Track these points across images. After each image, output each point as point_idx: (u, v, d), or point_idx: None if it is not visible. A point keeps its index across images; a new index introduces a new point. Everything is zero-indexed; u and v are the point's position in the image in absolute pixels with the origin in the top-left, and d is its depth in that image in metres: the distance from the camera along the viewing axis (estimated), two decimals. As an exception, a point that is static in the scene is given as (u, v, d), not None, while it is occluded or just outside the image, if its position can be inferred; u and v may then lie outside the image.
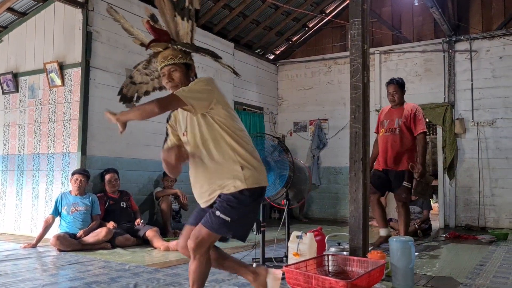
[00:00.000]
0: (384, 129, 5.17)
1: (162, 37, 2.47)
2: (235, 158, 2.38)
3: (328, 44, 9.01)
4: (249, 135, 2.58)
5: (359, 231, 3.52)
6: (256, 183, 2.40)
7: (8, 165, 6.13)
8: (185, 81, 2.43)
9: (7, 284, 3.27)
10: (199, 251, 2.38)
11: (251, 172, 2.38)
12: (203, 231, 2.36)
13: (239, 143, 2.40)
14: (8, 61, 6.26)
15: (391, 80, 5.21)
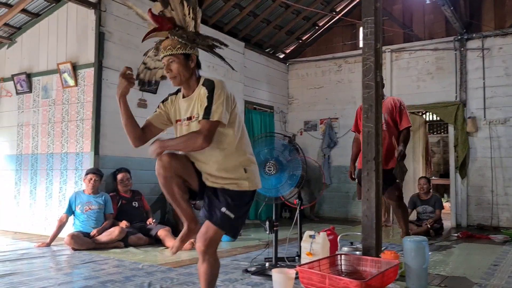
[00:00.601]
0: None
1: (165, 26, 2.38)
2: (240, 158, 2.37)
3: (339, 43, 8.99)
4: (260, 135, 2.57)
5: (372, 231, 3.51)
6: (256, 185, 2.42)
7: (22, 165, 6.20)
8: (184, 72, 2.35)
9: (23, 282, 3.32)
10: (209, 252, 2.37)
11: (254, 175, 2.41)
12: (210, 230, 2.35)
13: (244, 144, 2.41)
14: (21, 62, 6.32)
15: None
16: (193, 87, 2.39)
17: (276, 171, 3.79)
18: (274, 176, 3.77)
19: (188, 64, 2.35)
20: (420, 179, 6.67)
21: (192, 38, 2.35)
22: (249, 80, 8.22)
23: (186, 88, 2.41)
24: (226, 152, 2.34)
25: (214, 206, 2.36)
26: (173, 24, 2.37)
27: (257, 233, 6.27)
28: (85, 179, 5.16)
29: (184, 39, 2.33)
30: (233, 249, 4.94)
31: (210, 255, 2.37)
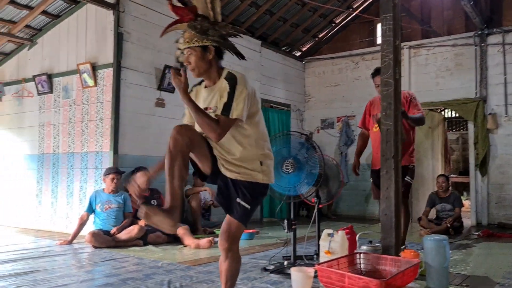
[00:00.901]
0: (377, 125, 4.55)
1: (185, 17, 2.35)
2: (258, 152, 2.35)
3: (356, 40, 8.92)
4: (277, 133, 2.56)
5: (391, 230, 3.48)
6: (269, 179, 2.39)
7: (44, 164, 6.31)
8: (201, 64, 2.32)
9: (46, 280, 3.38)
10: (233, 248, 2.36)
11: (269, 169, 2.38)
12: (233, 226, 2.34)
13: (262, 139, 2.38)
14: (42, 63, 6.44)
15: (376, 70, 4.60)
16: (214, 79, 2.37)
17: (294, 169, 3.78)
18: (292, 174, 3.77)
19: (205, 56, 2.32)
20: (439, 177, 6.59)
21: (204, 29, 2.29)
22: (266, 78, 8.22)
23: (207, 79, 2.40)
24: (245, 145, 2.32)
25: (231, 198, 2.35)
26: (195, 14, 2.32)
27: (274, 231, 6.28)
28: (106, 178, 5.23)
29: (196, 30, 2.29)
30: (251, 247, 4.95)
31: (234, 251, 2.37)
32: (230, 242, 2.35)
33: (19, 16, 6.11)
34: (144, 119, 5.90)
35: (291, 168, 3.75)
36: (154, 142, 5.96)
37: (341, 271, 3.01)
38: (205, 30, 2.29)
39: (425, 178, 8.03)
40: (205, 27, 2.29)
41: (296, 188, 3.83)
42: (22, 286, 3.16)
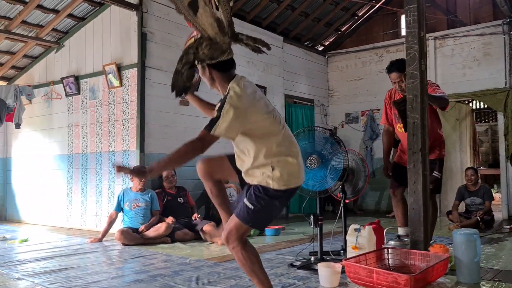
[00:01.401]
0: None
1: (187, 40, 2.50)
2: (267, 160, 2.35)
3: (379, 32, 8.81)
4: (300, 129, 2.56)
5: (419, 224, 3.44)
6: (283, 185, 2.35)
7: (73, 164, 6.46)
8: (206, 79, 2.46)
9: (79, 276, 3.47)
10: (229, 241, 2.39)
11: (280, 175, 2.34)
12: (231, 222, 2.41)
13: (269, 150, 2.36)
14: (69, 65, 6.58)
15: (391, 66, 4.19)
16: (223, 91, 2.41)
17: (318, 165, 3.76)
18: (316, 170, 3.75)
19: (205, 73, 2.44)
20: (468, 170, 6.45)
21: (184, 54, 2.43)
22: (289, 74, 8.20)
23: (219, 91, 2.47)
24: (252, 156, 2.36)
25: (241, 199, 2.44)
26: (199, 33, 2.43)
27: (300, 227, 6.27)
28: (132, 177, 5.32)
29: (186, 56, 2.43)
30: (278, 243, 4.97)
31: (232, 245, 2.38)
32: (226, 236, 2.39)
33: (46, 20, 6.26)
34: (169, 118, 5.97)
35: (315, 164, 3.74)
36: (179, 140, 5.97)
37: (369, 266, 3.00)
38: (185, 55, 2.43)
39: (453, 172, 7.88)
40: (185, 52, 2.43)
41: (321, 184, 3.82)
42: (56, 283, 3.26)
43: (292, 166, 2.39)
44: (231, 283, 3.19)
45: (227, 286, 3.11)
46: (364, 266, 2.94)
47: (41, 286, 3.19)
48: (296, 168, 2.41)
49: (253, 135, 2.34)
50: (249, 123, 2.31)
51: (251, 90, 2.38)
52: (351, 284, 3.04)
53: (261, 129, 2.35)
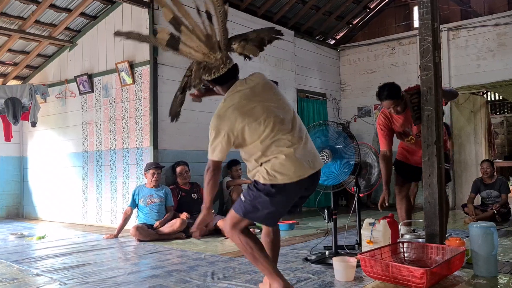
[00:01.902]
0: (412, 136, 4.10)
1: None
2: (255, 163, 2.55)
3: (391, 25, 8.72)
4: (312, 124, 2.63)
5: (435, 217, 3.42)
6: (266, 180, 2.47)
7: (88, 161, 6.54)
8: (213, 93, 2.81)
9: (96, 272, 3.52)
10: (226, 230, 2.63)
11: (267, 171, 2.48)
12: (229, 213, 2.64)
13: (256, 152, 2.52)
14: (83, 63, 6.64)
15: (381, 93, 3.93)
16: None
17: (330, 159, 3.75)
18: (330, 164, 3.74)
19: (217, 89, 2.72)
20: (483, 163, 6.37)
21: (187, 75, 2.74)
22: (300, 68, 8.17)
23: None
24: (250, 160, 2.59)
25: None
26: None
27: (314, 221, 6.27)
28: (147, 173, 5.36)
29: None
30: (292, 238, 4.97)
31: (229, 233, 2.59)
32: (224, 226, 2.70)
33: (59, 19, 6.32)
34: (182, 114, 5.93)
35: (328, 158, 3.72)
36: (192, 137, 6.06)
37: (384, 260, 2.99)
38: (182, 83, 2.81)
39: (468, 164, 7.80)
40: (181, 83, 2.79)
41: (334, 178, 3.81)
42: (74, 279, 3.30)
43: (280, 164, 2.46)
44: (246, 278, 3.21)
45: (242, 281, 3.12)
46: (380, 260, 2.94)
47: (59, 282, 3.24)
48: (285, 166, 2.46)
49: (243, 145, 2.54)
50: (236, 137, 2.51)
51: (236, 102, 2.53)
52: (366, 278, 3.03)
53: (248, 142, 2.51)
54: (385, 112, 4.13)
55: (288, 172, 2.46)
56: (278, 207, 2.56)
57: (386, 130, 4.10)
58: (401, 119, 4.03)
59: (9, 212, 7.53)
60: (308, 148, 2.58)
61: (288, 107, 2.63)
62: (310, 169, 2.52)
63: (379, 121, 4.17)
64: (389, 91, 3.88)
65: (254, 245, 2.51)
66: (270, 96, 2.59)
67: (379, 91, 3.97)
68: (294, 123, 2.57)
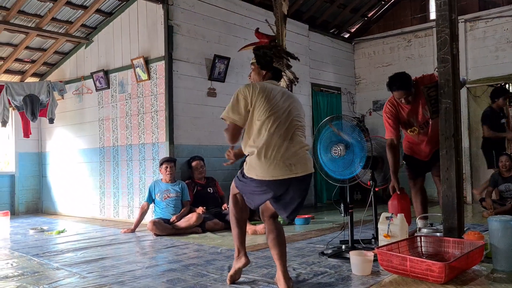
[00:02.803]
0: (415, 127, 4.11)
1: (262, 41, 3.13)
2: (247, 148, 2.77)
3: (407, 17, 8.61)
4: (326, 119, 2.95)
5: (453, 211, 3.39)
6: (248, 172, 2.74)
7: (105, 157, 6.61)
8: (254, 77, 2.98)
9: (114, 266, 3.57)
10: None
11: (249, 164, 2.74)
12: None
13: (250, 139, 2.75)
14: (99, 60, 6.70)
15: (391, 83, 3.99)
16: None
17: (344, 153, 3.72)
18: (344, 158, 3.71)
19: (260, 71, 2.97)
20: (501, 156, 6.26)
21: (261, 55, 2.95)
22: (315, 62, 8.13)
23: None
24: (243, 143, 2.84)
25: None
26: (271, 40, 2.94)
27: (330, 215, 6.26)
28: (160, 169, 5.41)
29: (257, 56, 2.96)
30: (308, 232, 4.97)
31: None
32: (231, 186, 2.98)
33: (75, 16, 6.38)
34: (197, 109, 6.03)
35: (341, 152, 3.69)
36: (207, 131, 6.09)
37: (402, 254, 2.97)
38: (261, 57, 2.95)
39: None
40: (261, 55, 2.95)
41: (347, 172, 3.78)
42: (93, 272, 3.36)
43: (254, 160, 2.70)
44: (262, 272, 3.22)
45: (259, 275, 3.14)
46: (397, 254, 2.92)
47: (79, 275, 3.29)
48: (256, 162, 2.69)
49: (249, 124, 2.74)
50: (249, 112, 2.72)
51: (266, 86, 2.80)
52: (383, 273, 3.02)
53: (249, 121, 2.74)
54: (392, 101, 4.13)
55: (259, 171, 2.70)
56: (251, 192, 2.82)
57: (393, 119, 4.09)
58: (407, 108, 4.02)
59: (29, 207, 7.67)
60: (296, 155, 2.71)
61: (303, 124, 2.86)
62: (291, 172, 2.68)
63: (385, 110, 4.16)
64: (400, 81, 3.88)
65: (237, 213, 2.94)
66: (294, 104, 2.82)
67: (390, 81, 3.98)
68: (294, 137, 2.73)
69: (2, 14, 6.03)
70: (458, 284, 2.72)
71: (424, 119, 4.01)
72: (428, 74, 4.08)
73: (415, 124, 4.08)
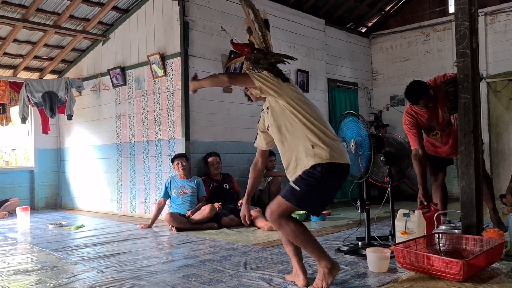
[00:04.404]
0: (437, 130, 4.06)
1: (244, 51, 2.80)
2: (306, 138, 2.55)
3: (426, 11, 8.47)
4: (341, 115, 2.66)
5: (472, 208, 3.33)
6: (327, 158, 2.50)
7: (122, 153, 6.68)
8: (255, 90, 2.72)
9: (132, 261, 3.60)
10: (272, 219, 2.58)
11: (321, 150, 2.52)
12: (274, 202, 2.61)
13: (309, 125, 2.57)
14: (116, 57, 6.76)
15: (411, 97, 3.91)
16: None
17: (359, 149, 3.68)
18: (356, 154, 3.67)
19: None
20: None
21: (257, 59, 2.72)
22: (331, 57, 8.07)
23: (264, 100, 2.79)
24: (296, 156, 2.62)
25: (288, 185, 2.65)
26: (252, 48, 2.76)
27: (346, 212, 6.22)
28: (173, 166, 5.44)
29: (250, 61, 2.74)
30: (324, 229, 4.95)
31: (276, 222, 2.57)
32: (268, 215, 2.59)
33: (92, 13, 6.44)
34: (213, 106, 6.04)
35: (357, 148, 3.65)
36: (223, 128, 6.10)
37: (420, 251, 2.94)
38: (257, 60, 2.72)
39: (506, 154, 7.54)
40: (257, 57, 2.73)
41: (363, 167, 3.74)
42: (111, 267, 3.40)
43: (331, 142, 2.60)
44: (278, 268, 3.21)
45: (275, 271, 3.13)
46: (415, 251, 2.88)
47: (97, 270, 3.33)
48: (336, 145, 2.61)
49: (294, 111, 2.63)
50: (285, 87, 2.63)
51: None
52: (400, 270, 2.99)
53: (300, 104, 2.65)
54: (409, 111, 4.09)
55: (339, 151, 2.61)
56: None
57: (414, 128, 4.03)
58: (426, 114, 3.98)
59: (48, 202, 7.80)
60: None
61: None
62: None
63: (405, 121, 4.11)
64: (419, 91, 3.84)
65: (303, 229, 2.58)
66: None
67: (409, 96, 3.92)
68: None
69: (21, 12, 6.13)
70: (477, 282, 2.67)
71: (445, 121, 3.97)
72: (440, 75, 4.03)
73: (437, 128, 4.04)
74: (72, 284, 2.95)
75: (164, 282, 2.95)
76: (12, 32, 6.43)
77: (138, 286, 2.87)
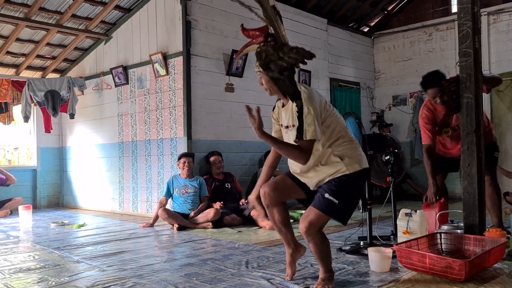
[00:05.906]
0: (450, 127, 4.03)
1: (256, 37, 2.48)
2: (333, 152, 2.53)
3: (428, 10, 8.45)
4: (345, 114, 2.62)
5: (474, 208, 3.32)
6: (354, 167, 2.52)
7: (124, 152, 6.68)
8: (272, 86, 2.49)
9: (133, 259, 3.61)
10: (309, 233, 2.54)
11: (350, 160, 2.52)
12: (311, 214, 2.52)
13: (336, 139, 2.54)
14: (118, 56, 6.77)
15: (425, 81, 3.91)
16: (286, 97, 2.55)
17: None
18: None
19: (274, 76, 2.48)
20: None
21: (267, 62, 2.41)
22: (333, 57, 8.06)
23: (281, 97, 2.59)
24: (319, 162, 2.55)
25: (319, 193, 2.56)
26: (265, 35, 2.45)
27: (348, 212, 6.20)
28: (178, 164, 5.44)
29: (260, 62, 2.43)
30: (325, 228, 4.88)
31: (312, 235, 2.55)
32: (306, 227, 2.52)
33: (95, 12, 6.45)
34: (215, 105, 6.04)
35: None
36: (225, 127, 6.10)
37: (421, 251, 2.93)
38: (267, 63, 2.41)
39: (509, 153, 7.53)
40: (267, 61, 2.40)
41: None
42: (113, 266, 3.40)
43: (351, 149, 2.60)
44: (280, 267, 3.21)
45: (276, 270, 3.13)
46: (417, 251, 2.88)
47: (99, 268, 3.34)
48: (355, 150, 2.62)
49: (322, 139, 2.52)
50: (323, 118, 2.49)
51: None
52: (402, 269, 2.98)
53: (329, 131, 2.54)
54: (428, 105, 4.03)
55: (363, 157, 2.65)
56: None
57: (430, 124, 3.98)
58: (444, 110, 3.93)
59: (50, 201, 7.82)
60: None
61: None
62: None
63: (422, 115, 4.04)
64: (434, 78, 3.80)
65: (327, 243, 2.65)
66: None
67: (423, 80, 3.90)
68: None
69: (24, 11, 6.14)
70: (479, 282, 2.67)
71: (457, 122, 3.92)
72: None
73: (452, 123, 4.00)
74: (74, 283, 2.95)
75: (166, 280, 2.95)
76: (15, 31, 6.44)
77: (139, 284, 2.88)
